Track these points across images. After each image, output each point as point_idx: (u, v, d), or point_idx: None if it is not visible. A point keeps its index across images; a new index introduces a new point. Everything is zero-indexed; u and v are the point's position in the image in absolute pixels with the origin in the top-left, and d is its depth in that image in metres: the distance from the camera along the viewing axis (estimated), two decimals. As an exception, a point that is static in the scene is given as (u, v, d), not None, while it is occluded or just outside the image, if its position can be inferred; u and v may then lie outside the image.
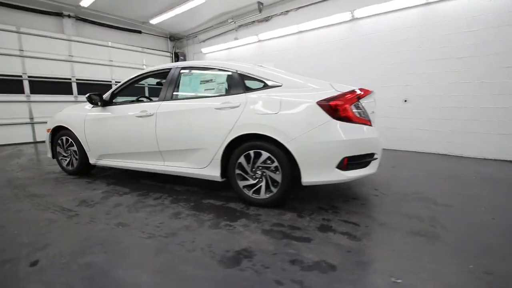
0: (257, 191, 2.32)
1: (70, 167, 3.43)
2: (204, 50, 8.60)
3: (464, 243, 1.74)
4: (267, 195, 2.29)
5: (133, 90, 3.20)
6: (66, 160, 3.45)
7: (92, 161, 3.20)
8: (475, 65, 4.19)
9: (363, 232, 1.91)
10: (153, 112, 2.67)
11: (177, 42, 9.45)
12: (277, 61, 6.71)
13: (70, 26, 7.00)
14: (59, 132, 3.39)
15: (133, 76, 3.04)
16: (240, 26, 7.46)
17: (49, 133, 3.46)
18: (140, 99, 3.83)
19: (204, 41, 8.67)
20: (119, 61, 7.93)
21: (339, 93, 2.13)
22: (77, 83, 7.17)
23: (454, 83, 4.41)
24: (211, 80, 2.58)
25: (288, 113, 2.13)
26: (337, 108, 2.06)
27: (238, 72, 2.45)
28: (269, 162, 2.22)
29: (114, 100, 3.11)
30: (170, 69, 2.83)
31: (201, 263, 1.53)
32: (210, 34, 8.35)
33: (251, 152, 2.28)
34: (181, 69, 2.75)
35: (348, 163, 2.10)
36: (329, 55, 5.80)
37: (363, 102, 2.23)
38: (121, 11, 7.15)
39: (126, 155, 2.96)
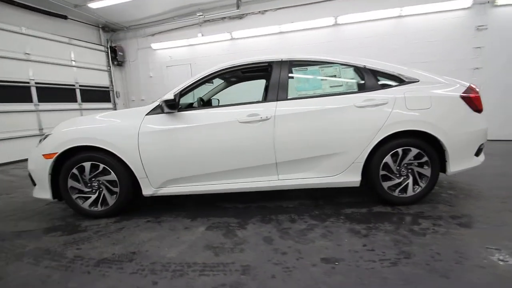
0: (403, 190, 2.26)
1: (99, 208, 2.30)
2: (154, 45, 7.38)
3: None
4: (414, 192, 2.26)
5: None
6: (89, 198, 2.29)
7: (148, 191, 2.26)
8: (437, 68, 5.36)
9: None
10: (270, 116, 2.14)
11: (113, 34, 7.69)
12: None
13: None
14: (74, 157, 2.22)
15: (213, 71, 2.34)
16: (205, 21, 6.80)
17: (51, 159, 2.21)
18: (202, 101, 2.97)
19: (153, 35, 7.43)
20: (38, 55, 5.76)
21: (466, 87, 2.33)
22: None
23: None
24: (335, 75, 2.30)
25: (439, 108, 2.17)
26: (475, 100, 2.25)
27: (367, 67, 2.30)
28: (416, 158, 2.21)
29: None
30: (270, 63, 2.34)
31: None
32: (163, 27, 7.23)
33: (399, 150, 2.20)
34: (290, 63, 2.32)
35: (478, 149, 2.34)
36: (312, 56, 6.10)
37: None
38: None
39: (213, 176, 2.24)
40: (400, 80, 2.28)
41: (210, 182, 2.25)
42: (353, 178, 2.24)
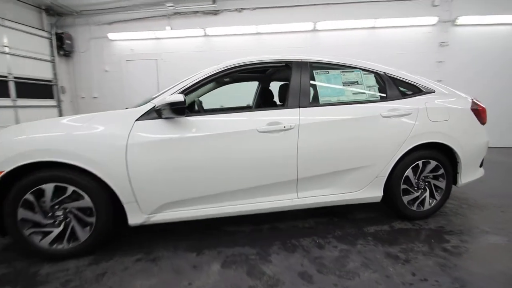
0: (420, 204, 2.18)
1: (65, 245, 1.69)
2: (112, 35, 6.45)
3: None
4: (430, 206, 2.19)
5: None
6: (50, 232, 1.67)
7: (137, 219, 1.74)
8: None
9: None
10: (294, 125, 1.84)
11: (59, 19, 6.49)
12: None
13: None
14: (29, 177, 1.59)
15: (225, 67, 1.94)
16: (175, 13, 6.18)
17: (-9, 182, 1.55)
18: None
19: (111, 23, 6.49)
20: (-47, 34, 4.48)
21: (470, 100, 2.36)
22: None
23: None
24: (357, 81, 2.10)
25: (455, 120, 2.15)
26: (482, 112, 2.29)
27: (388, 74, 2.17)
28: (432, 170, 2.16)
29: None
30: (288, 63, 2.04)
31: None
32: (124, 16, 6.35)
33: (420, 163, 2.11)
34: (310, 65, 2.05)
35: (482, 160, 2.39)
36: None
37: None
38: None
39: (224, 196, 1.84)
40: (418, 90, 2.21)
41: (220, 204, 1.85)
42: (376, 193, 2.08)
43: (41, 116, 6.02)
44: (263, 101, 3.14)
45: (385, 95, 2.11)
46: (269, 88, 3.20)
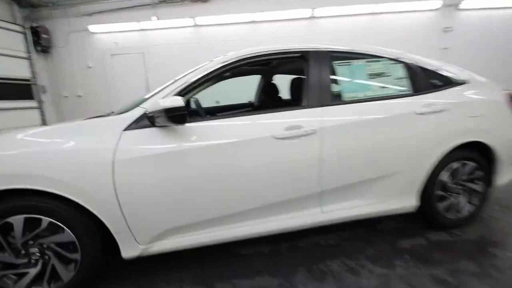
0: (457, 211, 1.92)
1: (44, 287, 1.36)
2: (93, 28, 5.92)
3: None
4: (467, 212, 1.95)
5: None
6: (25, 274, 1.33)
7: (132, 251, 1.42)
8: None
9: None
10: (316, 128, 1.53)
11: (33, 11, 5.89)
12: (222, 51, 5.75)
13: None
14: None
15: (233, 59, 1.60)
16: (161, 2, 5.70)
17: None
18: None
19: (91, 14, 5.95)
20: None
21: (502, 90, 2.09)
22: None
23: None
24: (383, 73, 1.80)
25: (491, 114, 1.89)
26: None
27: (417, 64, 1.87)
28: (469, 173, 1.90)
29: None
30: (304, 53, 1.70)
31: None
32: (105, 6, 5.82)
33: (457, 165, 1.85)
34: (330, 55, 1.72)
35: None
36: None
37: None
38: None
39: (237, 217, 1.53)
40: (449, 81, 1.91)
41: (233, 226, 1.54)
42: (410, 202, 1.81)
43: (21, 119, 5.53)
44: (268, 97, 2.81)
45: (415, 88, 1.81)
46: (273, 82, 2.87)
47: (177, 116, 1.25)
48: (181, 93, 1.46)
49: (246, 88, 3.26)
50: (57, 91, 6.45)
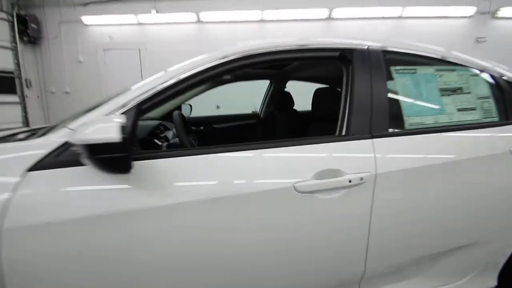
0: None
1: None
2: (87, 19, 5.41)
3: None
4: None
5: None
6: None
7: None
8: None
9: None
10: (366, 175, 0.93)
11: (22, -3, 5.38)
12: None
13: None
14: None
15: (234, 55, 1.01)
16: (162, -6, 5.18)
17: None
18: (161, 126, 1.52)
19: (85, 5, 5.43)
20: None
21: None
22: None
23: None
24: (461, 89, 1.20)
25: None
26: None
27: (504, 77, 1.28)
28: None
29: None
30: (346, 52, 1.10)
31: None
32: (101, -4, 5.31)
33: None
34: (384, 58, 1.12)
35: None
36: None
37: None
38: None
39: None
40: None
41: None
42: (487, 283, 1.20)
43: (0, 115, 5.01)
44: (278, 109, 2.22)
45: (507, 113, 1.21)
46: (286, 90, 2.29)
47: (109, 160, 0.65)
48: (142, 106, 0.86)
49: (248, 92, 2.70)
50: (43, 86, 5.91)
